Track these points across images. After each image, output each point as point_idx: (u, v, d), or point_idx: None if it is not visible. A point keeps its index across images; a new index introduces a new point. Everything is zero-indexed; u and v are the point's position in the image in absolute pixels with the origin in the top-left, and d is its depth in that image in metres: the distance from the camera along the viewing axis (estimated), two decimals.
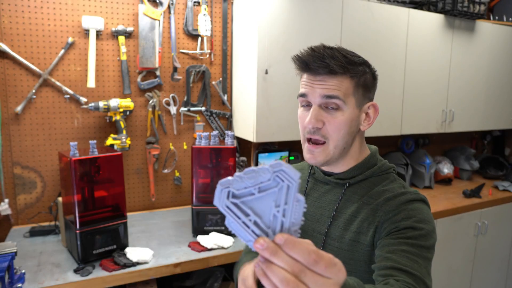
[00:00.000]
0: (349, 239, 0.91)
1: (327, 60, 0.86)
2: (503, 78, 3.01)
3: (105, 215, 1.61)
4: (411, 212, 0.87)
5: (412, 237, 0.83)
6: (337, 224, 0.94)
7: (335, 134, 0.90)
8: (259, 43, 1.97)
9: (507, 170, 3.22)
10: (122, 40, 2.02)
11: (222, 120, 2.37)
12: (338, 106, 0.89)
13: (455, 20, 2.65)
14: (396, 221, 0.86)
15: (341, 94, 0.88)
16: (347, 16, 2.21)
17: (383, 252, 0.82)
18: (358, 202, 0.93)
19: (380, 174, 0.97)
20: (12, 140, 1.91)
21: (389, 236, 0.85)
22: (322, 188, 1.01)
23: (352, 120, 0.90)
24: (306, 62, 0.89)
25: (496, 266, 2.81)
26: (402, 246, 0.82)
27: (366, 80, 0.92)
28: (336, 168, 0.98)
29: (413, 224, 0.84)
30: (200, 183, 1.87)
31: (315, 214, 0.99)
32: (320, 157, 0.92)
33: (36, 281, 1.41)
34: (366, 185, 0.96)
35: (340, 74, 0.88)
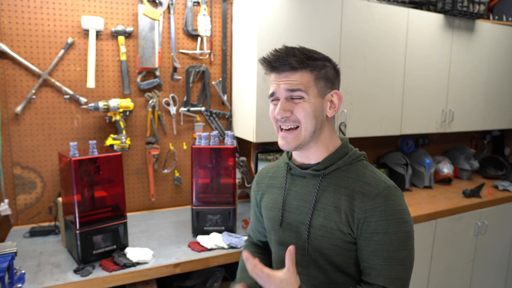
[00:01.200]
0: (330, 228, 1.01)
1: (287, 58, 0.98)
2: (503, 78, 3.01)
3: (105, 215, 1.61)
4: (384, 214, 0.96)
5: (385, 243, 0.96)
6: (318, 214, 1.03)
7: (302, 119, 1.00)
8: (259, 43, 1.97)
9: (507, 170, 3.22)
10: (121, 40, 2.02)
11: (222, 120, 2.37)
12: (302, 97, 1.00)
13: (455, 20, 2.65)
14: (372, 222, 0.96)
15: (303, 87, 0.99)
16: (347, 16, 2.21)
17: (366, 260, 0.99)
18: (334, 192, 1.02)
19: (351, 162, 1.06)
20: (12, 140, 1.91)
21: (369, 241, 0.97)
22: (300, 182, 1.10)
23: (316, 107, 1.01)
24: (270, 62, 1.01)
25: (496, 266, 2.81)
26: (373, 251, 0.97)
27: (326, 72, 1.03)
28: (310, 158, 1.07)
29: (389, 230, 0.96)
30: (200, 183, 1.87)
31: (298, 207, 1.08)
32: (293, 142, 1.02)
33: (36, 281, 1.41)
34: (339, 174, 1.04)
35: (300, 69, 0.99)
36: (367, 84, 2.35)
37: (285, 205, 1.11)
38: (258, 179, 1.25)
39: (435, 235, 2.40)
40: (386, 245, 0.96)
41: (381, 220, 0.96)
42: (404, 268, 0.97)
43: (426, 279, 2.44)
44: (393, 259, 0.96)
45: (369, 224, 0.96)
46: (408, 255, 0.97)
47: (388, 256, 0.96)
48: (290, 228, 1.09)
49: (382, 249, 0.96)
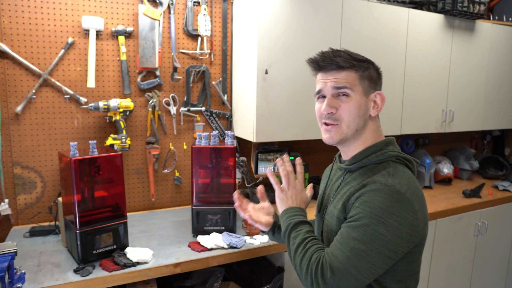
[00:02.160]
0: (333, 214, 1.09)
1: (334, 58, 1.05)
2: (503, 78, 3.01)
3: (105, 215, 1.61)
4: (364, 204, 0.97)
5: (350, 227, 0.97)
6: (332, 203, 1.12)
7: (346, 116, 1.05)
8: (259, 43, 1.97)
9: (507, 170, 3.22)
10: (122, 40, 2.03)
11: (222, 120, 2.37)
12: (347, 94, 1.05)
13: (455, 20, 2.65)
14: (354, 208, 1.00)
15: (348, 84, 1.05)
16: (347, 16, 2.21)
17: None
18: (351, 186, 1.06)
19: (379, 162, 1.06)
20: (12, 140, 1.91)
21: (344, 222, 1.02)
22: (337, 174, 1.18)
23: (360, 105, 1.06)
24: (317, 62, 1.08)
25: (496, 266, 2.81)
26: (339, 235, 1.00)
27: (370, 73, 1.08)
28: (348, 155, 1.12)
29: (361, 220, 0.96)
30: (200, 183, 1.87)
31: (329, 196, 1.17)
32: (336, 135, 1.07)
33: (36, 281, 1.41)
34: (363, 171, 1.06)
35: (346, 69, 1.05)
36: None
37: (324, 193, 1.21)
38: (325, 170, 1.35)
39: (435, 235, 2.40)
40: (350, 228, 0.97)
41: (359, 208, 0.97)
42: (348, 256, 0.94)
43: (426, 279, 2.44)
44: (344, 242, 0.96)
45: (352, 209, 1.00)
46: (364, 252, 0.93)
47: (345, 238, 0.97)
48: (322, 215, 1.18)
49: (345, 229, 0.98)
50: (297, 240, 1.04)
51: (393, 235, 0.93)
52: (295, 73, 2.10)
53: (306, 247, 1.02)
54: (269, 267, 1.87)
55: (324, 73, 1.08)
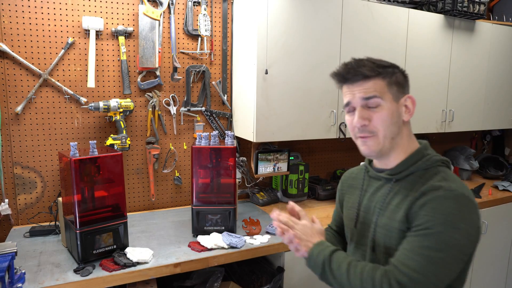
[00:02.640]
0: (392, 227, 1.03)
1: (359, 68, 1.02)
2: (503, 78, 3.01)
3: (105, 215, 1.61)
4: (434, 211, 0.93)
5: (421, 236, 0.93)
6: (383, 214, 1.06)
7: (380, 127, 1.02)
8: (259, 43, 1.97)
9: (507, 170, 3.22)
10: (122, 40, 2.03)
11: (222, 120, 2.37)
12: (378, 103, 1.02)
13: (455, 20, 2.65)
14: (420, 215, 0.95)
15: (378, 93, 1.02)
16: (347, 16, 2.21)
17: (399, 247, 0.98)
18: (403, 195, 1.03)
19: (426, 168, 1.05)
20: (12, 140, 1.91)
21: (410, 232, 0.96)
22: (375, 184, 1.14)
23: (393, 113, 1.03)
24: (342, 74, 1.05)
25: (496, 266, 2.81)
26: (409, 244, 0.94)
27: (397, 78, 1.05)
28: (388, 163, 1.10)
29: (433, 228, 0.92)
30: (200, 183, 1.87)
31: (370, 207, 1.12)
32: (373, 146, 1.04)
33: (36, 281, 1.41)
34: (412, 179, 1.04)
35: (373, 77, 1.02)
36: None
37: (361, 205, 1.16)
38: (343, 178, 1.32)
39: None
40: (421, 237, 0.92)
41: (427, 216, 0.93)
42: (425, 266, 0.90)
43: None
44: (419, 252, 0.91)
45: (418, 217, 0.95)
46: (443, 259, 0.90)
47: (417, 247, 0.92)
48: (363, 227, 1.13)
49: (415, 239, 0.93)
50: (343, 266, 0.99)
51: (466, 239, 0.93)
52: (295, 73, 2.10)
53: (359, 269, 0.96)
54: (269, 267, 1.87)
55: (350, 85, 1.05)
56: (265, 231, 1.92)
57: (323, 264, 1.02)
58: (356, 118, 1.03)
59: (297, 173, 2.42)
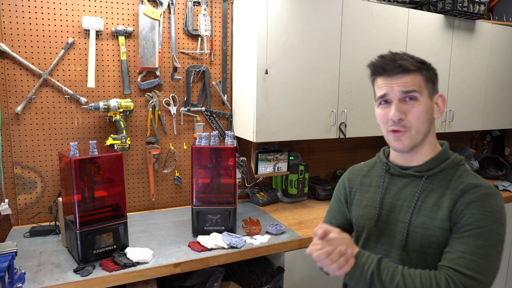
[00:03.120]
0: (432, 225, 1.01)
1: (399, 61, 1.02)
2: (503, 78, 3.01)
3: (105, 215, 1.61)
4: (483, 210, 0.96)
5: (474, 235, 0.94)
6: (418, 213, 1.04)
7: (415, 122, 1.03)
8: (259, 43, 1.97)
9: (507, 170, 3.21)
10: (122, 40, 2.03)
11: (222, 120, 2.37)
12: (416, 98, 1.02)
13: (455, 20, 2.65)
14: (468, 214, 0.96)
15: (417, 88, 1.02)
16: (347, 16, 2.21)
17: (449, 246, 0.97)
18: (439, 193, 1.03)
19: (453, 166, 1.07)
20: (12, 140, 1.91)
21: (459, 232, 0.96)
22: (400, 182, 1.11)
23: (428, 109, 1.04)
24: (381, 66, 1.04)
25: None
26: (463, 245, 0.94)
27: (431, 75, 1.07)
28: (413, 160, 1.09)
29: (483, 225, 0.94)
30: (200, 183, 1.87)
31: (396, 206, 1.10)
32: (406, 141, 1.04)
33: (36, 281, 1.41)
34: (442, 176, 1.05)
35: (412, 72, 1.03)
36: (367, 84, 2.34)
37: (383, 203, 1.12)
38: (350, 176, 1.27)
39: None
40: (474, 237, 0.94)
41: (477, 214, 0.95)
42: (484, 264, 0.91)
43: None
44: (476, 252, 0.92)
45: (465, 216, 0.96)
46: (494, 255, 0.93)
47: (473, 247, 0.93)
48: (387, 226, 1.10)
49: (469, 239, 0.94)
50: (396, 277, 0.94)
51: (505, 233, 0.98)
52: (295, 73, 2.10)
53: (415, 278, 0.93)
54: (269, 267, 1.87)
55: (388, 77, 1.04)
56: (265, 231, 1.92)
57: (371, 275, 0.95)
58: (393, 111, 1.02)
59: (297, 173, 2.43)
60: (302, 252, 1.85)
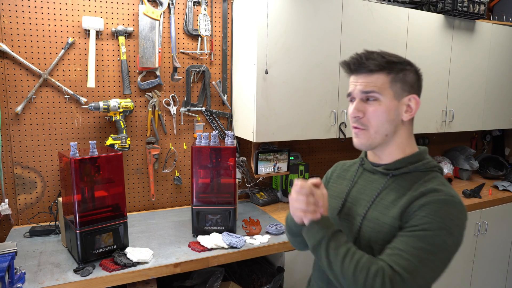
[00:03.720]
0: (383, 222, 1.02)
1: (364, 61, 1.03)
2: (503, 78, 3.01)
3: (105, 215, 1.61)
4: (434, 214, 0.93)
5: (417, 237, 0.92)
6: (375, 208, 1.05)
7: (374, 121, 1.03)
8: (259, 43, 1.97)
9: (507, 170, 3.22)
10: (122, 40, 2.03)
11: (222, 120, 2.37)
12: (376, 98, 1.02)
13: (455, 20, 2.65)
14: (418, 216, 0.95)
15: (377, 89, 1.02)
16: (347, 16, 2.21)
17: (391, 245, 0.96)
18: (398, 192, 1.03)
19: (424, 170, 1.06)
20: (12, 140, 1.91)
21: (404, 231, 0.96)
22: (369, 177, 1.13)
23: (390, 110, 1.03)
24: (349, 65, 1.06)
25: (496, 266, 2.81)
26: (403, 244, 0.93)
27: (405, 76, 1.05)
28: (382, 158, 1.10)
29: (430, 229, 0.92)
30: (200, 183, 1.87)
31: (358, 199, 1.12)
32: (364, 140, 1.05)
33: (36, 281, 1.41)
34: (409, 178, 1.05)
35: (377, 72, 1.02)
36: None
37: (348, 196, 1.15)
38: (333, 168, 1.31)
39: None
40: (416, 238, 0.92)
41: (426, 217, 0.93)
42: (418, 267, 0.90)
43: None
44: (412, 253, 0.91)
45: (415, 217, 0.95)
46: (432, 261, 0.91)
47: (411, 247, 0.91)
48: (347, 218, 1.12)
49: (411, 239, 0.93)
50: (342, 250, 0.96)
51: (455, 245, 0.94)
52: (295, 73, 2.10)
53: (355, 258, 0.94)
54: (269, 267, 1.87)
55: (356, 76, 1.06)
56: (265, 231, 1.92)
57: (321, 238, 0.99)
58: (352, 109, 1.06)
59: (297, 173, 2.43)
60: (302, 252, 1.85)
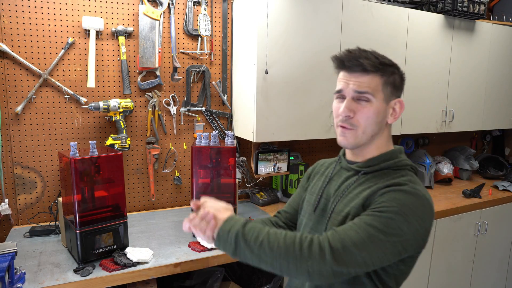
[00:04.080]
0: (346, 213, 1.03)
1: (361, 59, 1.00)
2: (503, 78, 3.01)
3: (105, 215, 1.61)
4: (393, 200, 0.94)
5: (371, 215, 0.93)
6: (343, 202, 1.06)
7: (363, 122, 1.02)
8: (259, 43, 1.97)
9: (507, 170, 3.22)
10: (122, 40, 2.03)
11: (222, 120, 2.37)
12: (368, 99, 1.02)
13: (455, 20, 2.65)
14: (378, 201, 0.96)
15: (371, 90, 1.01)
16: (347, 16, 2.21)
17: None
18: (368, 188, 1.03)
19: (395, 168, 1.06)
20: (12, 140, 1.91)
21: (361, 214, 0.96)
22: (344, 174, 1.13)
23: (379, 112, 1.03)
24: (342, 60, 1.04)
25: (496, 266, 2.81)
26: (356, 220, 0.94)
27: (394, 79, 1.05)
28: (360, 157, 1.10)
29: (385, 212, 0.92)
30: (200, 183, 1.87)
31: (331, 195, 1.12)
32: (351, 139, 1.05)
33: (36, 281, 1.41)
34: (380, 176, 1.05)
35: (371, 72, 1.01)
36: None
37: (324, 192, 1.15)
38: (315, 165, 1.31)
39: (435, 235, 2.40)
40: (370, 217, 0.92)
41: (385, 202, 0.94)
42: (366, 242, 0.89)
43: (426, 279, 2.44)
44: (364, 228, 0.90)
45: (375, 203, 0.96)
46: (382, 242, 0.90)
47: (363, 223, 0.91)
48: (321, 213, 1.13)
49: (365, 217, 0.93)
50: (262, 234, 0.91)
51: (411, 235, 0.93)
52: (295, 73, 2.10)
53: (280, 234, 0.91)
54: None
55: (348, 73, 1.04)
56: None
57: (236, 237, 0.92)
58: (343, 107, 1.03)
59: (297, 173, 2.42)
60: None
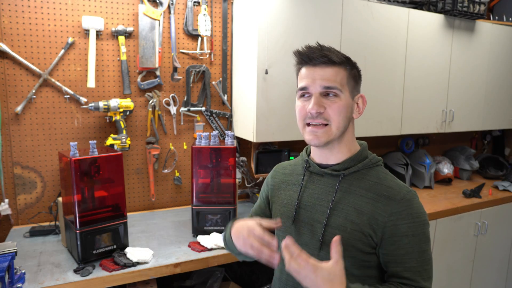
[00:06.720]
0: (350, 229, 0.99)
1: (325, 51, 0.99)
2: (503, 78, 3.01)
3: (105, 215, 1.61)
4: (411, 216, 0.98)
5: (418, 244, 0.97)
6: (338, 215, 1.01)
7: (336, 117, 1.00)
8: (259, 43, 1.97)
9: (507, 170, 3.22)
10: (122, 40, 2.03)
11: (222, 120, 2.37)
12: (336, 94, 1.00)
13: (455, 20, 2.65)
14: (399, 225, 0.97)
15: (338, 85, 0.99)
16: (347, 16, 2.21)
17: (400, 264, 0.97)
18: (356, 194, 1.02)
19: (371, 166, 1.06)
20: (12, 140, 1.91)
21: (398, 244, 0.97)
22: (318, 180, 1.09)
23: (348, 106, 1.02)
24: (307, 54, 1.01)
25: (496, 266, 2.81)
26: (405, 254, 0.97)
27: (355, 74, 1.04)
28: (329, 158, 1.07)
29: (417, 231, 0.97)
30: (200, 183, 1.87)
31: (313, 205, 1.07)
32: (323, 137, 1.01)
33: (36, 281, 1.41)
34: (359, 176, 1.04)
35: (337, 64, 0.99)
36: (367, 84, 2.34)
37: (300, 202, 1.09)
38: (273, 174, 1.24)
39: (435, 235, 2.40)
40: (417, 246, 0.97)
41: (409, 223, 0.97)
42: (429, 264, 0.99)
43: None
44: (423, 258, 0.98)
45: (397, 227, 0.97)
46: (429, 251, 1.01)
47: (420, 257, 0.98)
48: (304, 226, 1.07)
49: (413, 250, 0.97)
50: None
51: (428, 232, 1.01)
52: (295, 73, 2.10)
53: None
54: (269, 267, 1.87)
55: (312, 67, 1.00)
56: None
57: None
58: (312, 104, 0.99)
59: None
60: None
